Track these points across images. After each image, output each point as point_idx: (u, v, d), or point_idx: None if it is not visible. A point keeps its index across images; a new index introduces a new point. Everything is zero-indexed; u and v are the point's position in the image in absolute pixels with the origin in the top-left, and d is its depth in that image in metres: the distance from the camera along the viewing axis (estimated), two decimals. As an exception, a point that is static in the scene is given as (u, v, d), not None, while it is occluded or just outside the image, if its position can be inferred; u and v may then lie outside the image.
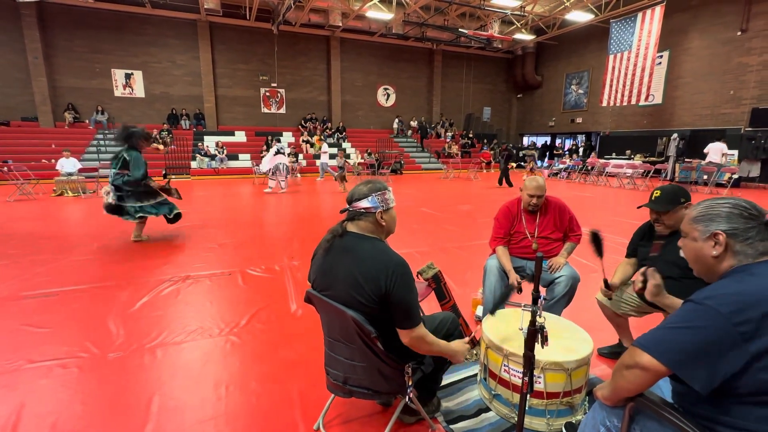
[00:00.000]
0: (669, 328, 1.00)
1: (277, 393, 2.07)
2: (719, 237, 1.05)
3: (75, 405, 1.96)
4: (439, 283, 2.30)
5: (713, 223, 1.07)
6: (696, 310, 0.97)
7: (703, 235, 1.09)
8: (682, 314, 1.00)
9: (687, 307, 1.00)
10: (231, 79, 17.24)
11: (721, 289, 0.98)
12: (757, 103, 12.40)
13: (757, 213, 1.04)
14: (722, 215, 1.06)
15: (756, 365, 0.89)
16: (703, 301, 0.97)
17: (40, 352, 2.43)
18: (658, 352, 0.98)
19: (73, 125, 14.92)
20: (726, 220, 1.05)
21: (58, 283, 3.62)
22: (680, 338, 0.96)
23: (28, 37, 14.04)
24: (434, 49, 20.25)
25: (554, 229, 2.63)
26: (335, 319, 1.53)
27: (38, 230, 5.67)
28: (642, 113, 15.87)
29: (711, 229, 1.07)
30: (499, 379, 1.88)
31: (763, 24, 12.16)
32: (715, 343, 0.92)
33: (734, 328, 0.90)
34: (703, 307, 0.96)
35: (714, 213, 1.08)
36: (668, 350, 0.97)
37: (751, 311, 0.91)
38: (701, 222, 1.10)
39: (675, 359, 0.96)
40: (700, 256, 1.11)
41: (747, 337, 0.90)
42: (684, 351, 0.95)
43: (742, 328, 0.90)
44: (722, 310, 0.92)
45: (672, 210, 2.00)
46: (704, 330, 0.93)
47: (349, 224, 1.54)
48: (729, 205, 1.07)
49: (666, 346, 0.98)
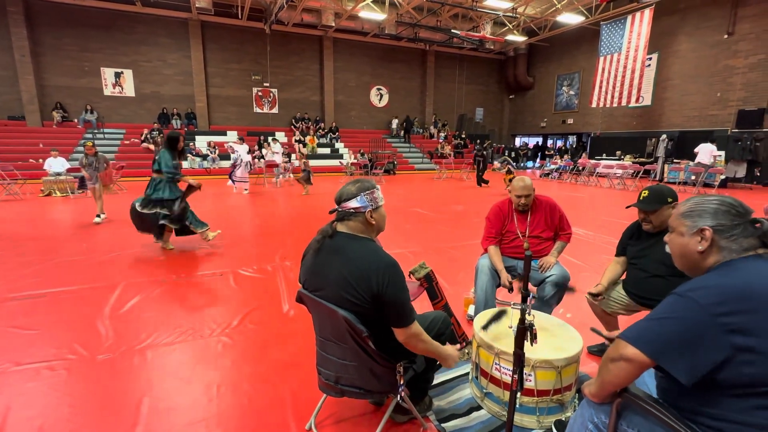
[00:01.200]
0: (652, 320, 1.03)
1: (268, 393, 2.07)
2: (706, 232, 1.07)
3: (62, 408, 1.93)
4: (431, 282, 2.31)
5: (701, 219, 1.09)
6: (678, 302, 1.00)
7: (690, 230, 1.11)
8: (666, 306, 1.03)
9: (670, 300, 1.03)
10: (223, 79, 17.11)
11: (703, 282, 1.01)
12: (743, 105, 12.63)
13: (743, 211, 1.07)
14: (710, 212, 1.08)
15: (739, 358, 0.91)
16: (685, 293, 1.00)
17: (27, 355, 2.39)
18: (641, 342, 1.00)
19: (61, 124, 14.69)
20: (713, 217, 1.07)
21: (45, 284, 3.56)
22: (662, 329, 0.99)
23: (15, 35, 13.79)
24: (427, 49, 20.31)
25: (545, 228, 2.66)
26: (327, 319, 1.53)
27: (25, 231, 5.58)
28: (632, 114, 16.08)
29: (698, 225, 1.09)
30: (490, 377, 1.89)
31: (748, 27, 12.39)
32: (695, 333, 0.94)
33: (715, 319, 0.92)
34: (685, 299, 0.99)
35: (702, 209, 1.10)
36: (651, 341, 0.99)
37: (733, 304, 0.93)
38: (689, 217, 1.12)
39: (657, 350, 0.98)
40: (686, 251, 1.13)
41: (729, 329, 0.91)
42: (666, 341, 0.97)
43: (724, 319, 0.92)
44: (703, 302, 0.95)
45: (659, 209, 2.05)
46: (685, 321, 0.96)
47: (339, 224, 1.54)
48: (717, 202, 1.09)
49: (649, 337, 1.00)
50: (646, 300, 2.15)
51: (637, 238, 2.26)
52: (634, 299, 2.21)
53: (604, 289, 2.26)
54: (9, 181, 9.05)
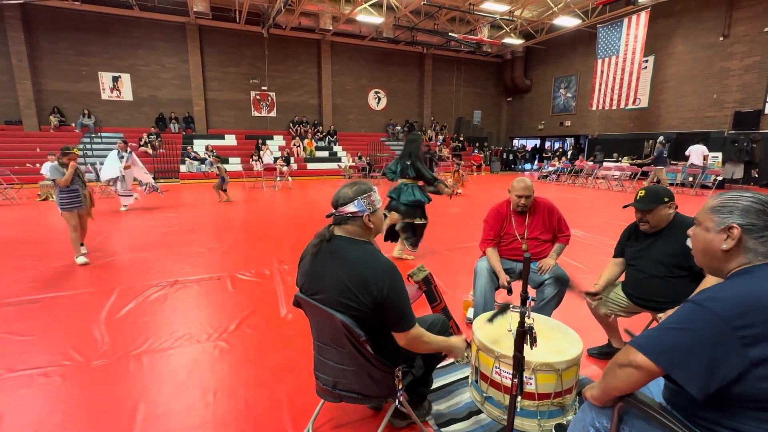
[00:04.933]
0: (666, 329, 0.97)
1: (266, 399, 2.04)
2: (734, 231, 1.00)
3: (57, 415, 1.91)
4: (429, 285, 2.30)
5: (731, 216, 1.01)
6: (695, 312, 0.94)
7: (717, 226, 1.03)
8: (681, 315, 0.97)
9: (686, 308, 0.97)
10: (221, 83, 17.10)
11: (722, 292, 0.95)
12: (739, 107, 12.69)
13: None
14: (741, 209, 1.01)
15: (755, 373, 0.85)
16: (702, 302, 0.93)
17: (21, 361, 2.36)
18: (653, 352, 0.95)
19: (58, 129, 14.64)
20: (743, 215, 1.00)
21: (40, 289, 3.53)
22: (676, 340, 0.94)
23: (12, 39, 13.76)
24: (425, 53, 20.37)
25: (543, 229, 2.65)
26: (324, 323, 1.51)
27: (21, 236, 5.54)
28: (629, 116, 16.14)
29: (727, 222, 1.02)
30: (490, 381, 1.87)
31: (744, 29, 12.47)
32: (712, 346, 0.88)
33: (733, 333, 0.87)
34: (702, 309, 0.92)
35: (733, 205, 1.02)
36: (663, 351, 0.95)
37: (753, 316, 0.87)
38: (719, 213, 1.04)
39: (670, 361, 0.93)
40: (710, 248, 1.06)
41: (747, 342, 0.86)
42: (679, 353, 0.92)
43: (742, 332, 0.86)
44: (722, 313, 0.89)
45: (655, 208, 2.06)
46: (701, 333, 0.90)
47: (336, 228, 1.53)
48: (751, 200, 1.01)
49: (662, 346, 0.95)
50: (645, 301, 2.14)
51: (635, 238, 2.25)
52: (633, 300, 2.20)
53: (601, 288, 2.25)
54: (5, 186, 9.01)
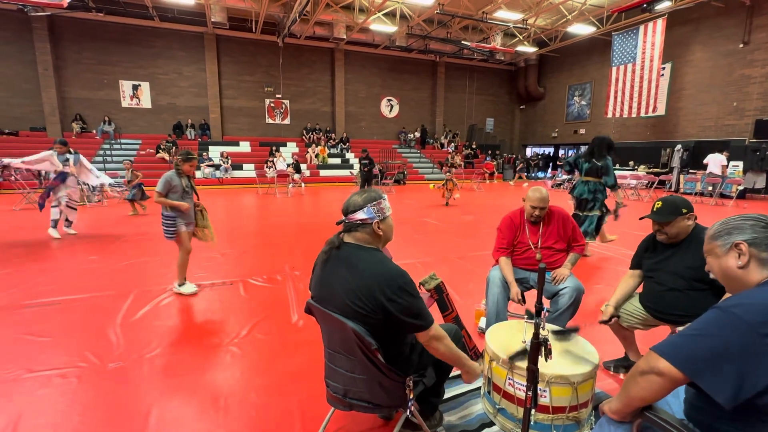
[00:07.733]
0: (690, 335, 0.95)
1: (277, 405, 2.04)
2: (741, 246, 1.04)
3: (73, 416, 1.94)
4: (441, 294, 2.28)
5: (732, 236, 1.06)
6: (720, 318, 0.93)
7: (724, 248, 1.08)
8: (706, 321, 0.95)
9: (711, 314, 0.95)
10: (236, 90, 17.46)
11: (749, 298, 0.94)
12: (760, 115, 12.38)
13: None
14: (738, 227, 1.06)
15: None
16: (729, 308, 0.92)
17: (39, 362, 2.42)
18: (676, 358, 0.93)
19: (80, 135, 15.10)
20: (744, 231, 1.05)
21: (59, 291, 3.62)
22: (701, 345, 0.92)
23: (39, 50, 14.32)
24: (437, 60, 20.46)
25: (558, 239, 2.61)
26: (336, 331, 1.51)
27: (42, 238, 5.70)
28: (645, 124, 15.88)
29: (731, 240, 1.06)
30: (503, 392, 1.84)
31: (764, 36, 12.21)
32: (738, 353, 0.86)
33: (762, 339, 0.85)
34: (728, 315, 0.91)
35: (731, 226, 1.08)
36: (687, 358, 0.92)
37: None
38: (720, 237, 1.09)
39: (695, 368, 0.91)
40: (728, 271, 1.07)
41: None
42: (704, 359, 0.90)
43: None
44: (748, 319, 0.88)
45: (674, 220, 1.99)
46: (728, 339, 0.88)
47: (346, 235, 1.53)
48: (742, 218, 1.07)
49: (685, 353, 0.93)
50: (664, 315, 2.08)
51: (653, 250, 2.19)
52: (651, 313, 2.14)
53: (613, 310, 2.19)
54: (29, 190, 9.29)
